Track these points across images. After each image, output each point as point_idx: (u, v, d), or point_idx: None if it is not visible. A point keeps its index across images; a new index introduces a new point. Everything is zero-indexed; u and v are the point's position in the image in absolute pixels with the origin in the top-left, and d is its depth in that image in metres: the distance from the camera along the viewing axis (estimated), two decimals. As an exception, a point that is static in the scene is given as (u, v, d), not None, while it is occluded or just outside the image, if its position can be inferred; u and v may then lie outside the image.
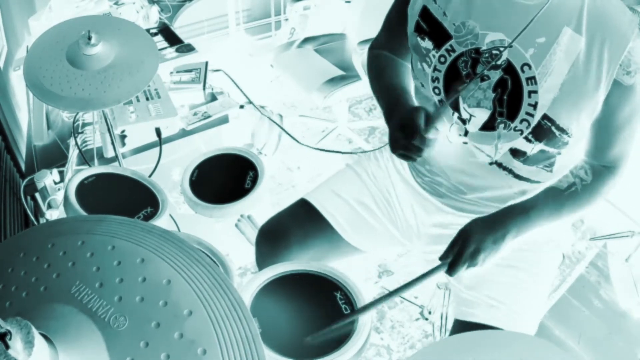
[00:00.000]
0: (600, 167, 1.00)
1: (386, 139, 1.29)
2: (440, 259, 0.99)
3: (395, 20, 1.08)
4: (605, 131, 0.95)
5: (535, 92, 0.90)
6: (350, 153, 2.55)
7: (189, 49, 2.13)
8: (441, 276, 1.29)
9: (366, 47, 1.19)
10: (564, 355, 0.58)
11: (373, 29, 1.20)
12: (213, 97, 1.95)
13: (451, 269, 0.97)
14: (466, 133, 1.00)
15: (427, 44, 0.99)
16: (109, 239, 0.54)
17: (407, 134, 0.91)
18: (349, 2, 2.67)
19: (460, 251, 0.97)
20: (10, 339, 0.39)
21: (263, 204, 1.30)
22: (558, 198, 1.00)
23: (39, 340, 0.41)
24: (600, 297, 1.93)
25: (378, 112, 2.83)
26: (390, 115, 1.01)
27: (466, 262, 0.96)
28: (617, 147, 0.97)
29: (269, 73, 2.77)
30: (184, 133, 1.82)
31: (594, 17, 0.86)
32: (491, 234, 0.97)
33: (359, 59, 2.17)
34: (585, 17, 0.86)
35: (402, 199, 1.22)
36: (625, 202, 2.08)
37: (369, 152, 1.33)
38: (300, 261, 1.02)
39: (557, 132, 0.93)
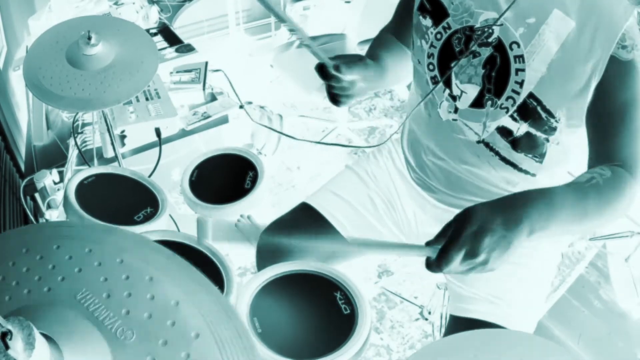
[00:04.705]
0: (614, 166, 0.87)
1: (385, 139, 1.29)
2: (429, 243, 0.76)
3: (402, 7, 1.12)
4: (603, 117, 0.89)
5: (523, 70, 0.91)
6: (349, 146, 2.55)
7: (189, 49, 2.13)
8: (438, 275, 1.29)
9: (366, 47, 1.19)
10: (565, 355, 0.58)
11: (373, 29, 1.20)
12: (213, 97, 1.95)
13: (442, 255, 0.71)
14: (456, 110, 1.01)
15: (427, 21, 1.02)
16: (117, 252, 0.54)
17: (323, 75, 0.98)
18: (349, 2, 2.68)
19: (457, 232, 0.72)
20: (10, 338, 0.39)
21: (263, 204, 1.30)
22: (580, 189, 0.83)
23: (40, 341, 0.40)
24: (600, 298, 1.93)
25: (378, 112, 2.83)
26: None
27: (464, 246, 0.71)
28: (624, 139, 0.87)
29: (268, 73, 2.77)
30: (183, 133, 1.82)
31: (584, 2, 0.87)
32: (501, 214, 0.73)
33: (359, 59, 2.17)
34: (574, 1, 0.87)
35: (403, 197, 1.22)
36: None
37: (369, 152, 1.33)
38: (300, 261, 1.02)
39: (543, 114, 0.93)
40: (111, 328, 0.48)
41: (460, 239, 0.71)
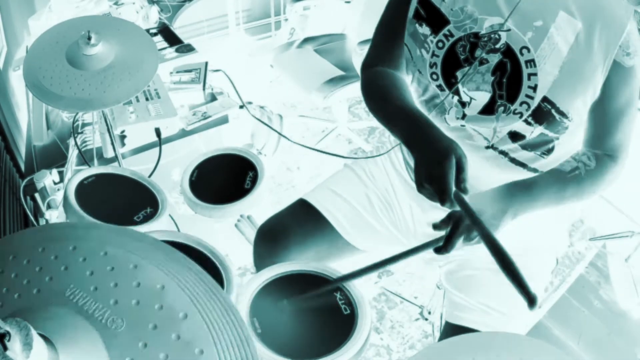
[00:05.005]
0: (602, 155, 1.00)
1: (385, 139, 1.29)
2: (434, 227, 0.93)
3: (393, 24, 1.07)
4: (604, 116, 0.95)
5: (535, 74, 0.91)
6: (348, 157, 2.55)
7: (189, 49, 2.13)
8: (438, 276, 1.29)
9: (366, 47, 1.18)
10: (563, 357, 0.58)
11: (373, 29, 1.19)
12: (213, 97, 1.95)
13: (447, 242, 0.90)
14: (464, 116, 1.00)
15: (424, 29, 1.00)
16: (101, 246, 0.55)
17: (434, 189, 0.88)
18: (349, 2, 2.68)
19: (457, 223, 0.90)
20: (9, 340, 0.39)
21: (263, 204, 1.30)
22: (562, 179, 0.97)
23: (37, 341, 0.41)
24: (600, 298, 1.93)
25: (378, 112, 2.83)
26: (415, 146, 0.94)
27: (462, 234, 0.89)
28: (617, 134, 0.97)
29: (268, 73, 2.77)
30: (183, 133, 1.82)
31: (587, 2, 0.88)
32: (490, 207, 0.92)
33: (359, 59, 2.17)
34: (577, 2, 0.88)
35: (401, 197, 1.22)
36: (625, 202, 2.08)
37: (367, 152, 1.33)
38: (300, 261, 1.02)
39: (557, 116, 0.93)
40: (101, 319, 0.49)
41: (460, 228, 0.89)
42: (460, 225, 0.89)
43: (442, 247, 0.91)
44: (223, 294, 0.53)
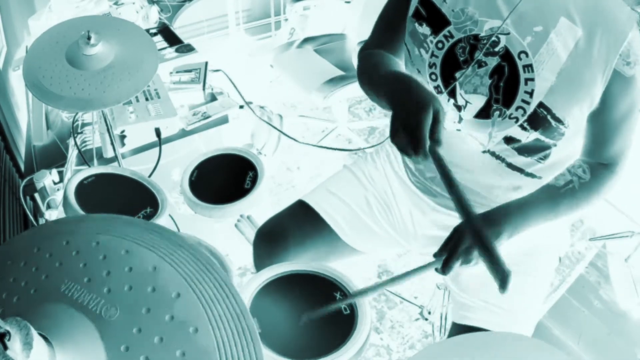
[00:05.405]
0: (599, 166, 1.00)
1: (384, 138, 1.28)
2: (435, 256, 0.96)
3: (392, 18, 1.07)
4: (603, 125, 0.95)
5: (532, 79, 0.90)
6: (349, 150, 2.55)
7: (189, 49, 2.13)
8: (438, 276, 1.30)
9: (366, 47, 1.18)
10: (563, 357, 0.58)
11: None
12: (213, 97, 1.95)
13: (445, 265, 0.93)
14: (460, 120, 0.99)
15: (424, 29, 0.99)
16: (92, 236, 0.55)
17: (409, 137, 0.84)
18: (349, 2, 2.68)
19: (455, 247, 0.93)
20: (9, 339, 0.39)
21: (263, 204, 1.30)
22: (554, 195, 0.98)
23: (37, 341, 0.41)
24: (600, 298, 1.93)
25: (378, 112, 2.83)
26: (395, 98, 0.90)
27: (460, 257, 0.92)
28: (616, 143, 0.97)
29: (268, 73, 2.77)
30: (183, 133, 1.82)
31: (588, 9, 0.87)
32: (485, 230, 0.92)
33: (359, 59, 2.17)
34: (578, 9, 0.87)
35: (400, 200, 1.22)
36: (625, 202, 2.08)
37: (367, 154, 1.32)
38: (300, 261, 1.02)
39: (553, 122, 0.93)
40: (96, 310, 0.49)
41: (457, 253, 0.92)
42: (458, 250, 0.92)
43: (441, 268, 0.94)
44: (216, 268, 0.53)
